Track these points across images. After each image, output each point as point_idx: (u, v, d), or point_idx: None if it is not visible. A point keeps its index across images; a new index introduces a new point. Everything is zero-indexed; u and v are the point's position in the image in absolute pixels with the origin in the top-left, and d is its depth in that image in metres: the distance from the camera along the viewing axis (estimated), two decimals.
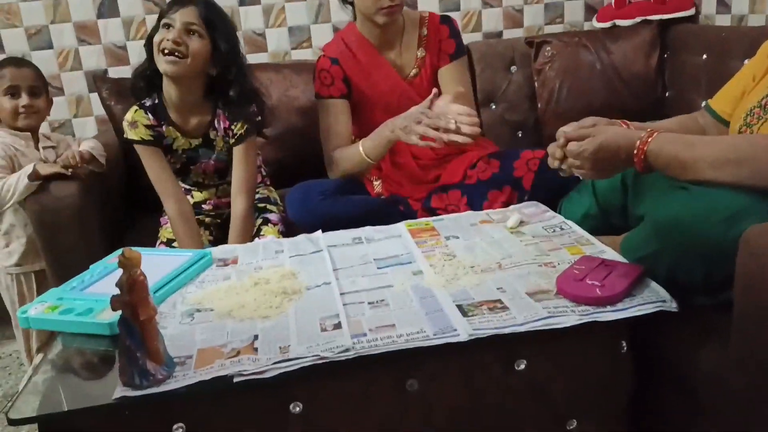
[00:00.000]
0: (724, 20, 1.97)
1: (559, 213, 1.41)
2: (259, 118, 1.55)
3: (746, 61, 1.68)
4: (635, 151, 1.00)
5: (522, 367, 0.95)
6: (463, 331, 0.91)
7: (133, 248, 0.85)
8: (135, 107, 1.52)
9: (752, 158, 0.88)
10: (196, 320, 1.03)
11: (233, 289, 1.12)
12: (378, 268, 1.18)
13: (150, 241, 1.57)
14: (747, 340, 0.86)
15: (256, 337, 0.95)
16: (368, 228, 1.38)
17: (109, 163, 1.69)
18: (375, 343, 0.91)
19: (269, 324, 0.99)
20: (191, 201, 1.66)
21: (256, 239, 1.50)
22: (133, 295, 0.83)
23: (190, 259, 1.23)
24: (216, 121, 1.54)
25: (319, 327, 0.97)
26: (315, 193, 1.44)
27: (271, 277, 1.15)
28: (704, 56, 1.87)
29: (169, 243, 1.53)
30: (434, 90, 1.37)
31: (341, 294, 1.07)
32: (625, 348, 0.98)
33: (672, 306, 0.95)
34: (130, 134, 1.50)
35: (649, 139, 0.99)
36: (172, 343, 0.96)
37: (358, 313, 1.01)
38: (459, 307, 0.99)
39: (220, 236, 1.62)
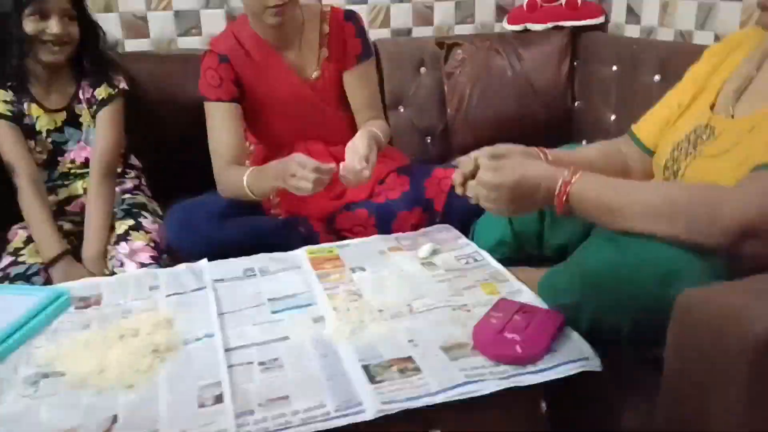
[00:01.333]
0: (633, 31, 1.95)
1: (472, 238, 1.32)
2: (123, 84, 1.47)
3: (656, 77, 1.68)
4: (557, 191, 0.91)
5: None
6: (370, 405, 0.78)
7: None
8: None
9: (688, 212, 0.81)
10: (41, 391, 0.83)
11: (93, 344, 0.92)
12: (272, 312, 1.02)
13: None
14: (676, 406, 0.79)
15: (115, 419, 0.77)
16: (263, 256, 1.21)
17: None
18: (264, 426, 0.76)
19: (134, 398, 0.81)
20: (55, 199, 1.42)
21: (122, 245, 1.30)
22: None
23: (41, 301, 1.01)
24: (80, 93, 1.45)
25: (197, 401, 0.80)
26: (200, 215, 1.24)
27: (140, 326, 0.96)
28: (614, 68, 1.84)
29: (15, 253, 1.28)
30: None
31: (226, 350, 0.91)
32: (545, 408, 0.90)
33: (596, 365, 0.88)
34: None
35: (573, 179, 0.90)
36: (7, 426, 0.76)
37: (246, 378, 0.85)
38: (365, 368, 0.86)
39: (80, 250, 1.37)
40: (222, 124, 1.33)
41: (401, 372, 0.85)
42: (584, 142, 1.77)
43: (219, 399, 0.80)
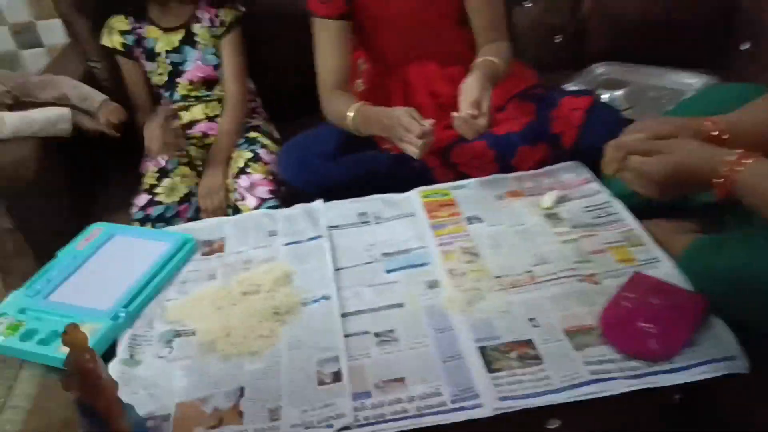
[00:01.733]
0: None
1: (606, 179, 1.19)
2: (242, 7, 1.47)
3: None
4: (720, 180, 0.76)
5: (555, 426, 0.81)
6: (488, 400, 0.76)
7: (102, 224, 0.67)
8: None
9: None
10: (175, 351, 0.89)
11: (219, 300, 0.96)
12: (387, 271, 1.00)
13: (129, 194, 1.37)
14: None
15: (242, 392, 0.81)
16: (376, 198, 1.17)
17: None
18: (381, 412, 0.77)
19: (258, 368, 0.84)
20: (178, 123, 1.45)
21: (243, 179, 1.31)
22: (84, 384, 0.68)
23: (170, 247, 1.06)
24: (198, 12, 1.44)
25: (316, 378, 0.82)
26: (313, 154, 1.21)
27: (262, 281, 0.98)
28: None
29: (151, 190, 1.33)
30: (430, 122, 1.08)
31: (343, 315, 0.91)
32: (678, 400, 0.83)
33: (742, 367, 0.79)
34: (105, 40, 1.45)
35: (742, 165, 0.75)
36: (147, 390, 0.83)
37: (362, 352, 0.85)
38: (482, 351, 0.83)
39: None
40: (328, 44, 1.25)
41: (520, 360, 0.82)
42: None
43: (337, 377, 0.81)
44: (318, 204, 1.17)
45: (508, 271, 0.97)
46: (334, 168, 1.21)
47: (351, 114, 1.17)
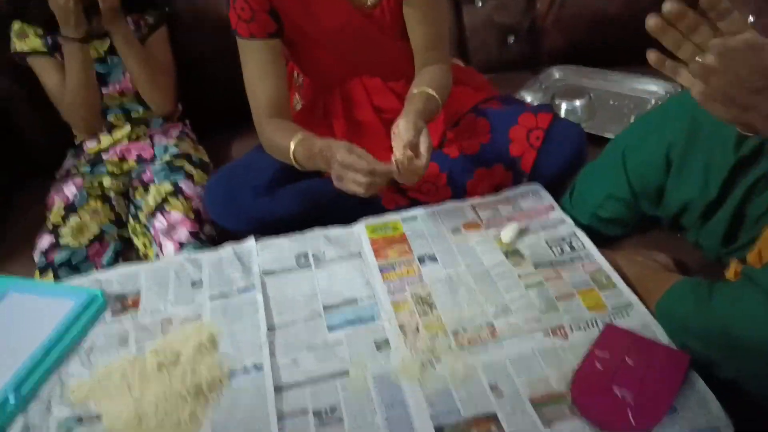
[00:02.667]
0: None
1: (571, 197, 1.09)
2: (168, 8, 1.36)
3: None
4: None
5: None
6: None
7: None
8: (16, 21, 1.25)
9: None
10: None
11: (130, 375, 0.81)
12: (329, 328, 0.87)
13: (34, 225, 1.19)
14: None
15: None
16: (317, 234, 1.04)
17: None
18: None
19: None
20: (94, 147, 1.28)
21: (159, 220, 1.15)
22: None
23: (73, 309, 0.90)
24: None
25: None
26: (245, 189, 1.06)
27: (182, 349, 0.84)
28: None
29: (55, 230, 1.16)
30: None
31: (277, 390, 0.78)
32: None
33: None
34: (19, 45, 1.25)
35: None
36: None
37: None
38: (439, 431, 0.72)
39: (120, 217, 1.24)
40: (258, 67, 1.08)
41: None
42: None
43: None
44: (250, 244, 1.03)
45: (466, 323, 0.85)
46: (270, 204, 1.06)
47: (293, 146, 1.00)
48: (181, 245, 1.09)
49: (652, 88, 1.43)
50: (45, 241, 1.11)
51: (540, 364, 0.79)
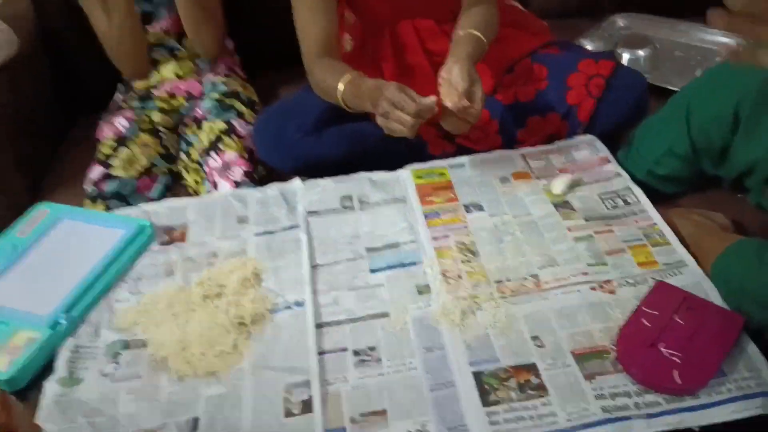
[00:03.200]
0: None
1: (628, 151, 1.04)
2: None
3: None
4: None
5: None
6: None
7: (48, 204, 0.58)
8: None
9: None
10: (123, 369, 0.77)
11: (176, 304, 0.83)
12: (371, 271, 0.87)
13: (87, 159, 1.22)
14: None
15: (196, 424, 0.70)
16: (363, 177, 1.03)
17: (23, 42, 1.26)
18: None
19: (216, 394, 0.73)
20: (143, 83, 1.28)
21: (213, 158, 1.14)
22: None
23: (123, 237, 0.93)
24: None
25: (283, 408, 0.70)
26: (292, 128, 1.05)
27: (227, 282, 0.85)
28: None
29: (105, 161, 1.17)
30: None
31: (318, 326, 0.79)
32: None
33: None
34: None
35: None
36: (88, 417, 0.71)
37: (338, 375, 0.73)
38: (477, 378, 0.71)
39: (170, 152, 1.24)
40: (308, 6, 1.05)
41: (521, 389, 0.70)
42: None
43: (308, 407, 0.70)
44: (296, 184, 1.03)
45: (510, 274, 0.84)
46: (316, 144, 1.05)
47: (341, 87, 0.98)
48: (237, 184, 1.09)
49: (721, 39, 1.33)
50: (96, 171, 1.13)
51: (585, 317, 0.77)
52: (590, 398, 0.68)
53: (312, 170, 1.06)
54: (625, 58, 1.30)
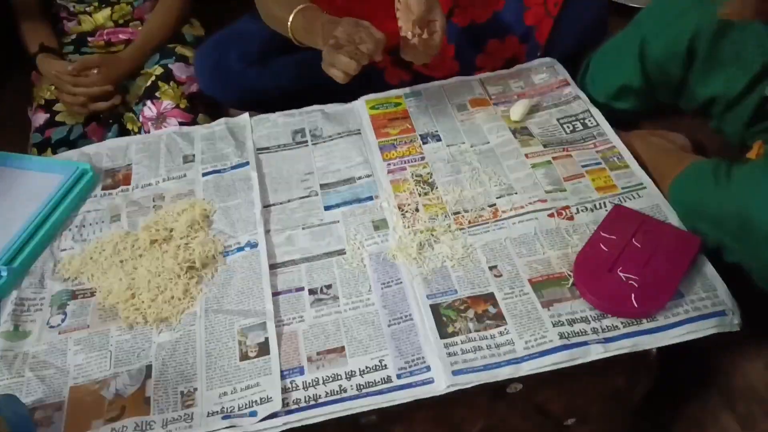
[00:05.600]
0: None
1: (585, 76, 1.01)
2: None
3: None
4: None
5: (517, 390, 0.71)
6: (440, 373, 0.65)
7: None
8: None
9: None
10: (70, 319, 0.74)
11: (123, 250, 0.80)
12: (326, 208, 0.84)
13: (23, 106, 1.14)
14: None
15: (149, 371, 0.68)
16: (315, 111, 0.98)
17: None
18: (314, 393, 0.65)
19: (168, 340, 0.70)
20: (78, 29, 1.18)
21: (148, 107, 1.06)
22: None
23: (63, 183, 0.87)
24: None
25: (238, 351, 0.69)
26: (234, 57, 0.98)
27: (175, 225, 0.82)
28: None
29: (48, 106, 1.10)
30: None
31: (272, 267, 0.77)
32: (655, 352, 0.73)
33: (733, 323, 0.68)
34: None
35: None
36: (35, 371, 0.69)
37: (294, 315, 0.72)
38: (435, 310, 0.70)
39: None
40: None
41: (478, 319, 0.69)
42: None
43: (264, 349, 0.68)
44: (244, 119, 0.98)
45: (468, 204, 0.82)
46: (261, 74, 0.99)
47: (292, 18, 0.89)
48: None
49: None
50: (40, 117, 1.06)
51: (542, 245, 0.76)
52: (548, 325, 0.68)
53: (260, 104, 1.01)
54: None
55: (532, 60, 1.04)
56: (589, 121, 0.92)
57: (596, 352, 0.66)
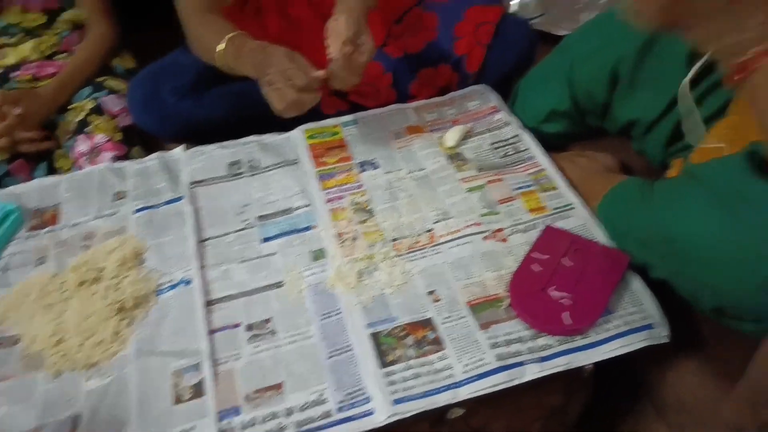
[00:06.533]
0: None
1: (515, 102, 1.04)
2: None
3: None
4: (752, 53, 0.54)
5: (457, 415, 0.71)
6: (380, 404, 0.64)
7: None
8: None
9: None
10: None
11: (49, 293, 0.77)
12: (264, 240, 0.83)
13: None
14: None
15: (76, 421, 0.65)
16: (251, 143, 0.98)
17: None
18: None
19: (99, 386, 0.68)
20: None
21: (80, 141, 1.03)
22: None
23: None
24: None
25: (172, 393, 0.67)
26: (167, 89, 0.97)
27: (105, 264, 0.79)
28: None
29: None
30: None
31: (208, 304, 0.75)
32: (591, 368, 0.75)
33: (662, 335, 0.70)
34: None
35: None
36: None
37: (231, 353, 0.70)
38: (375, 338, 0.70)
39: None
40: None
41: (418, 345, 0.69)
42: None
43: (199, 390, 0.66)
44: (178, 152, 0.96)
45: (406, 231, 0.82)
46: (195, 107, 0.98)
47: (221, 47, 0.89)
48: None
49: None
50: None
51: (478, 267, 0.77)
52: (485, 347, 0.69)
53: (196, 136, 1.00)
54: (514, 2, 1.30)
55: (464, 87, 1.06)
56: (521, 145, 0.95)
57: (532, 372, 0.67)
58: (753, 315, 0.61)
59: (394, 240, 0.81)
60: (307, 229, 0.84)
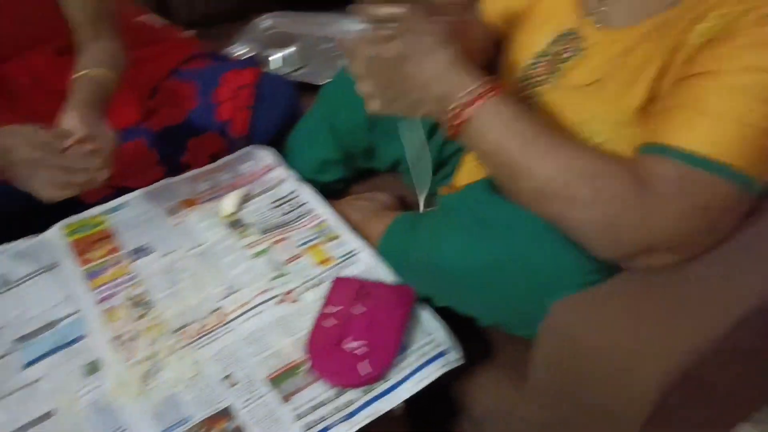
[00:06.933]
0: None
1: (287, 158, 1.04)
2: None
3: None
4: (452, 111, 0.60)
5: None
6: None
7: None
8: None
9: (614, 198, 0.54)
10: None
11: None
12: (26, 364, 0.72)
13: None
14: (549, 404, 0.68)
15: None
16: (2, 252, 0.86)
17: None
18: None
19: None
20: None
21: None
22: None
23: None
24: None
25: None
26: None
27: None
28: None
29: None
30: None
31: None
32: (402, 406, 0.75)
33: (456, 359, 0.73)
34: None
35: (482, 102, 0.59)
36: None
37: None
38: None
39: None
40: None
41: None
42: None
43: None
44: None
45: (191, 316, 0.77)
46: None
47: None
48: None
49: (359, 26, 1.42)
50: None
51: (274, 336, 0.74)
52: (289, 422, 0.66)
53: None
54: (275, 58, 1.32)
55: (235, 151, 1.04)
56: (299, 199, 0.95)
57: (343, 430, 0.65)
58: (521, 324, 0.66)
59: (181, 328, 0.76)
60: (75, 341, 0.75)
